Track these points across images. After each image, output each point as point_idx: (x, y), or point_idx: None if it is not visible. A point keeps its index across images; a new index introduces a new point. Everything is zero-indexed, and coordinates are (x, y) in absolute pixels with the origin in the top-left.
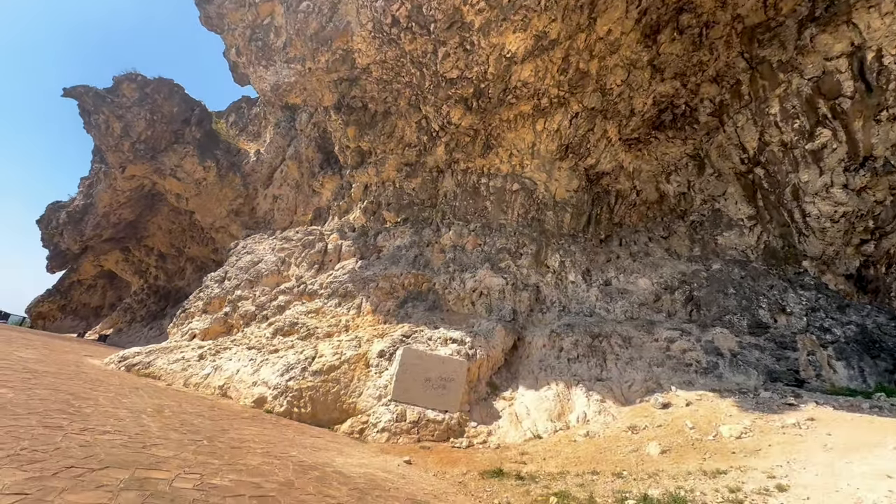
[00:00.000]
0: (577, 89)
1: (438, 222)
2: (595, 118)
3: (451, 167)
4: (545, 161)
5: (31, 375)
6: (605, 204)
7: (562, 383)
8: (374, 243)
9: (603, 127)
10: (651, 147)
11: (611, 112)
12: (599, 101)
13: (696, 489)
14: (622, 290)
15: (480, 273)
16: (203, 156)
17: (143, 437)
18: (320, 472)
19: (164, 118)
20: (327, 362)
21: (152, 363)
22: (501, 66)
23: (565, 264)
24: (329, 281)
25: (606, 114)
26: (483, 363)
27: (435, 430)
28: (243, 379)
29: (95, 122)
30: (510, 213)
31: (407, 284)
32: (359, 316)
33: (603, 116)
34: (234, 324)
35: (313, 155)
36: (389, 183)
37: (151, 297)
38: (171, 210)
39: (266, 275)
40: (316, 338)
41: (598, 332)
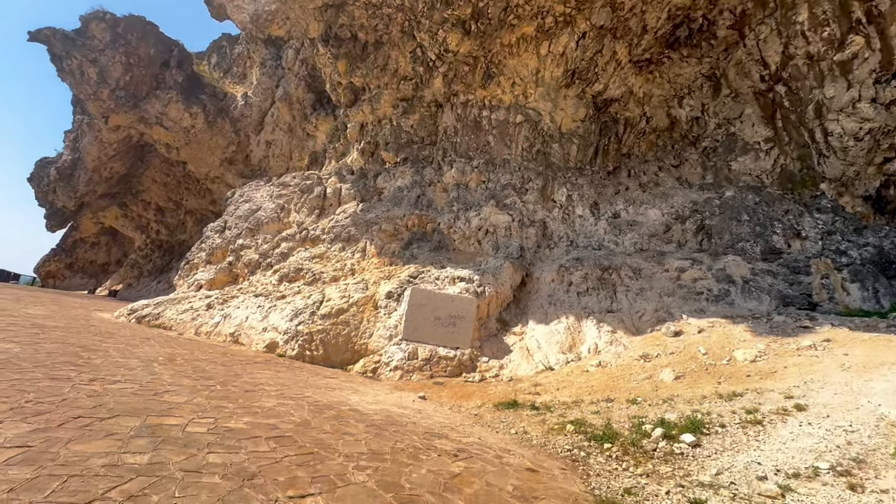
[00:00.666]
0: (585, 4)
1: (440, 160)
2: (604, 38)
3: (451, 100)
4: (550, 89)
5: (38, 330)
6: (613, 134)
7: (572, 316)
8: (374, 185)
9: (612, 48)
10: (663, 69)
11: (621, 30)
12: (609, 17)
13: (713, 412)
14: (631, 222)
15: (485, 211)
16: (188, 101)
17: (154, 385)
18: (336, 412)
19: (142, 61)
20: (335, 306)
21: (162, 314)
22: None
23: (572, 198)
24: (331, 226)
25: (616, 32)
26: (492, 300)
27: (447, 367)
28: (253, 325)
29: (69, 69)
30: (514, 148)
31: (410, 225)
32: (364, 259)
33: (612, 36)
34: (239, 273)
35: (304, 95)
36: (386, 121)
37: (156, 252)
38: (162, 162)
39: (266, 222)
40: (322, 282)
41: (607, 265)
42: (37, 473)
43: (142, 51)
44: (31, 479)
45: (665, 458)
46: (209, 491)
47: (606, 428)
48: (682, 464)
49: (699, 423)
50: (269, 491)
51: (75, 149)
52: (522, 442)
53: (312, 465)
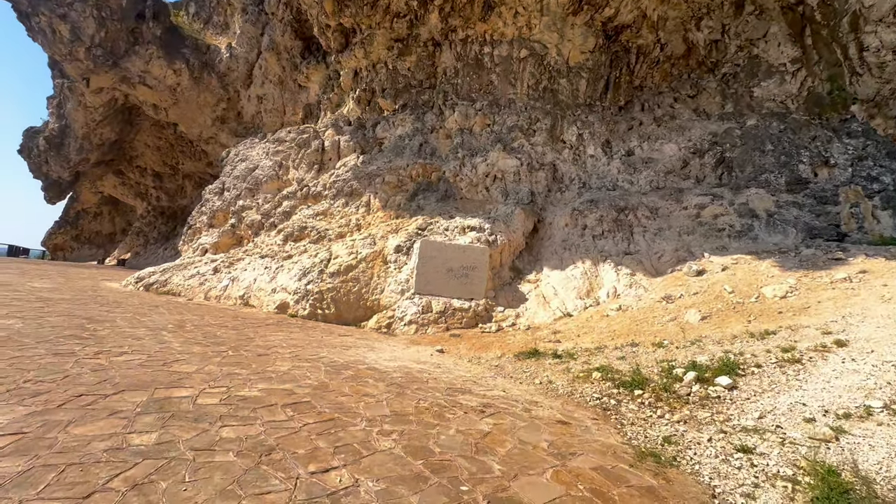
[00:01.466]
0: None
1: (440, 105)
2: None
3: (449, 37)
4: (556, 18)
5: (43, 304)
6: (625, 65)
7: (588, 261)
8: (373, 135)
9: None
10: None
11: None
12: None
13: (746, 352)
14: (646, 160)
15: (492, 155)
16: (170, 57)
17: (163, 355)
18: (354, 371)
19: (115, 14)
20: (343, 263)
21: (169, 280)
22: None
23: (583, 137)
24: (332, 181)
25: None
26: (504, 248)
27: (462, 318)
28: (262, 287)
29: (38, 27)
30: (519, 86)
31: (415, 176)
32: (369, 213)
33: None
34: (243, 234)
35: (291, 43)
36: (381, 65)
37: (159, 219)
38: (153, 125)
39: (265, 181)
40: (328, 240)
41: (623, 206)
42: (30, 465)
43: (113, 2)
44: (23, 471)
45: (701, 402)
46: (223, 472)
47: (635, 374)
48: (720, 408)
49: (733, 365)
50: (289, 467)
51: (61, 115)
52: (548, 392)
53: (334, 432)
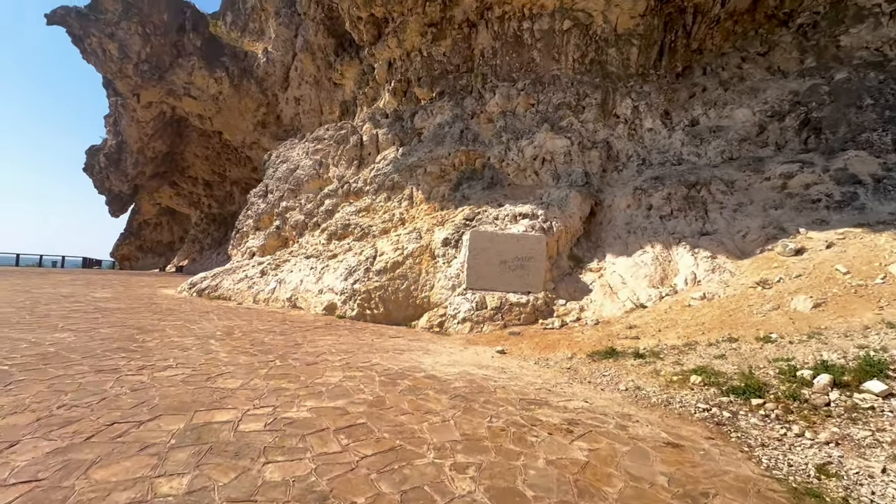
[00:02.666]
0: None
1: (480, 88)
2: None
3: (484, 16)
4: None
5: (99, 315)
6: (680, 27)
7: (658, 244)
8: (411, 126)
9: None
10: None
11: None
12: None
13: (891, 347)
14: (715, 129)
15: (539, 137)
16: (211, 66)
17: (208, 367)
18: (411, 381)
19: (158, 29)
20: (390, 259)
21: (219, 285)
22: None
23: (639, 110)
24: (372, 175)
25: None
26: (561, 235)
27: (521, 314)
28: (308, 288)
29: (90, 48)
30: (564, 60)
31: (458, 164)
32: (412, 206)
33: None
34: (288, 235)
35: (325, 41)
36: (415, 53)
37: (211, 225)
38: (200, 135)
39: (306, 180)
40: (372, 236)
41: (693, 181)
42: None
43: (155, 17)
44: None
45: (849, 415)
46: None
47: (746, 377)
48: (881, 423)
49: (880, 365)
50: None
51: (117, 132)
52: (639, 401)
53: (398, 468)
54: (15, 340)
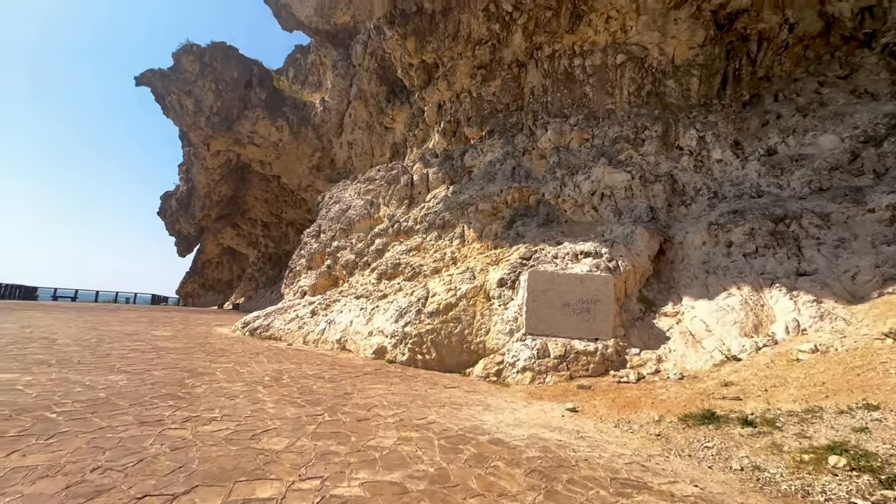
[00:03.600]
0: None
1: (530, 125)
2: None
3: (534, 56)
4: (655, 15)
5: (155, 355)
6: (744, 55)
7: (746, 286)
8: (461, 164)
9: None
10: None
11: None
12: None
13: None
14: (797, 157)
15: (596, 171)
16: (273, 116)
17: (254, 421)
18: (475, 447)
19: (228, 85)
20: (442, 301)
21: (271, 325)
22: None
23: (705, 140)
24: (423, 214)
25: None
26: (629, 276)
27: (588, 364)
28: (358, 330)
29: (170, 104)
30: (618, 94)
31: (510, 201)
32: (464, 245)
33: None
34: (339, 275)
35: (377, 89)
36: (465, 94)
37: (267, 264)
38: (260, 179)
39: (357, 220)
40: (423, 276)
41: (780, 215)
42: None
43: (227, 75)
44: None
45: None
46: None
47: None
48: None
49: None
50: None
51: (188, 179)
52: (764, 488)
53: None
54: (71, 383)
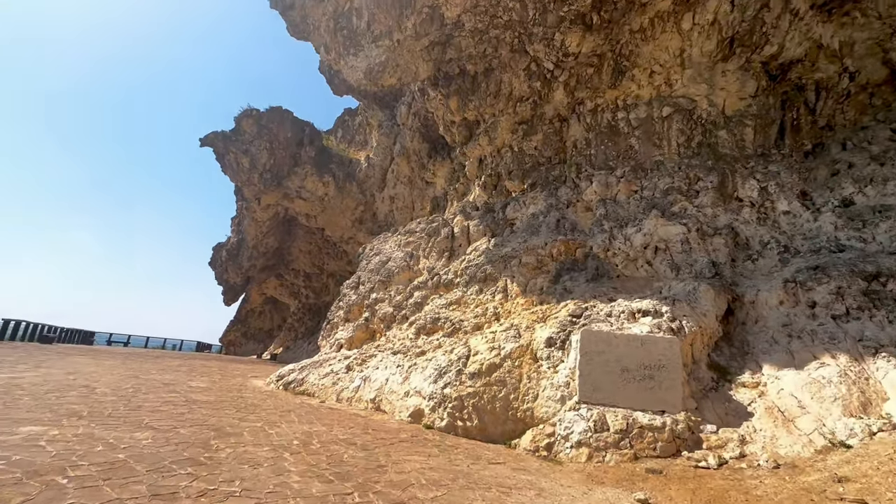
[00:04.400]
0: None
1: (574, 178)
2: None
3: (576, 110)
4: (702, 68)
5: (187, 409)
6: (801, 104)
7: (841, 354)
8: (503, 217)
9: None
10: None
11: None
12: None
13: None
14: (880, 208)
15: (648, 224)
16: (320, 172)
17: (275, 499)
18: None
19: (281, 144)
20: (485, 360)
21: (305, 379)
22: None
23: (767, 191)
24: (463, 267)
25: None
26: (696, 338)
27: (655, 442)
28: (394, 389)
29: (228, 163)
30: (666, 146)
31: (556, 255)
32: (507, 300)
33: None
34: (376, 328)
35: (419, 146)
36: (506, 149)
37: (306, 315)
38: (305, 232)
39: (397, 272)
40: (464, 332)
41: (871, 272)
42: None
43: (281, 135)
44: None
45: None
46: None
47: None
48: None
49: None
50: None
51: (239, 231)
52: None
53: None
54: (95, 440)
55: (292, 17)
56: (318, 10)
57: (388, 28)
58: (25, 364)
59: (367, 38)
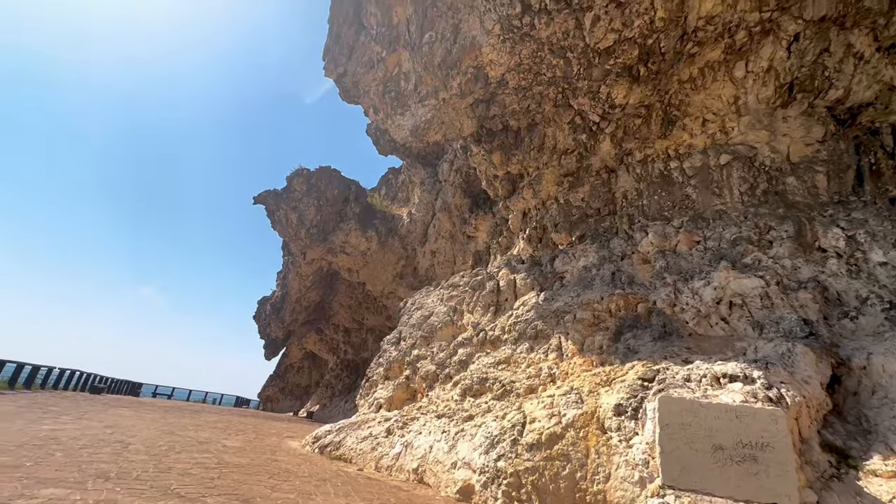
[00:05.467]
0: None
1: (626, 230)
2: (828, 32)
3: (624, 161)
4: (760, 115)
5: (217, 473)
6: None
7: None
8: (551, 270)
9: (844, 41)
10: None
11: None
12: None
13: None
14: None
15: (717, 276)
16: (364, 228)
17: None
18: None
19: (328, 202)
20: (544, 430)
21: (342, 442)
22: (673, 6)
23: (856, 240)
24: (511, 322)
25: (845, 21)
26: (801, 411)
27: None
28: (439, 459)
29: (278, 219)
30: (727, 195)
31: (615, 310)
32: (562, 360)
33: (840, 27)
34: (418, 388)
35: (461, 201)
36: (551, 201)
37: (344, 372)
38: (346, 286)
39: (440, 327)
40: (515, 395)
41: None
42: None
43: (328, 193)
44: None
45: None
46: None
47: None
48: None
49: None
50: None
51: (283, 285)
52: None
53: None
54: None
55: (345, 83)
56: (369, 76)
57: (435, 88)
58: (69, 415)
59: (413, 99)
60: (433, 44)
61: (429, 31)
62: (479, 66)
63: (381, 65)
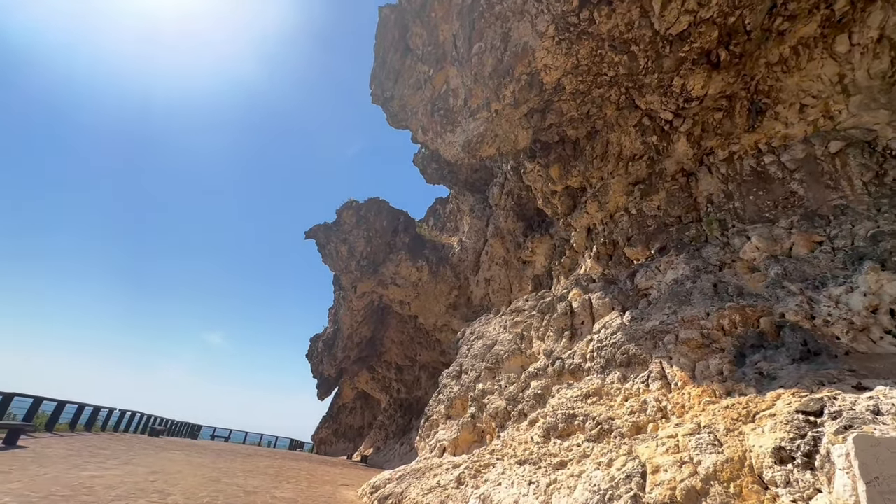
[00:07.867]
0: None
1: (718, 236)
2: None
3: (704, 161)
4: (873, 92)
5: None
6: None
7: None
8: (631, 287)
9: None
10: None
11: None
12: None
13: None
14: None
15: (863, 280)
16: (414, 258)
17: None
18: None
19: (378, 233)
20: (675, 482)
21: (405, 494)
22: None
23: None
24: (595, 348)
25: None
26: None
27: None
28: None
29: (328, 252)
30: (847, 186)
31: (728, 327)
32: (670, 390)
33: None
34: (486, 427)
35: (514, 225)
36: (620, 213)
37: (398, 412)
38: (398, 321)
39: (506, 357)
40: (618, 436)
41: None
42: None
43: (377, 224)
44: None
45: None
46: None
47: None
48: None
49: None
50: None
51: (335, 321)
52: None
53: None
54: None
55: (392, 107)
56: (416, 97)
57: (486, 99)
58: (118, 459)
59: (463, 114)
60: (482, 54)
61: (477, 42)
62: (533, 73)
63: (428, 84)
